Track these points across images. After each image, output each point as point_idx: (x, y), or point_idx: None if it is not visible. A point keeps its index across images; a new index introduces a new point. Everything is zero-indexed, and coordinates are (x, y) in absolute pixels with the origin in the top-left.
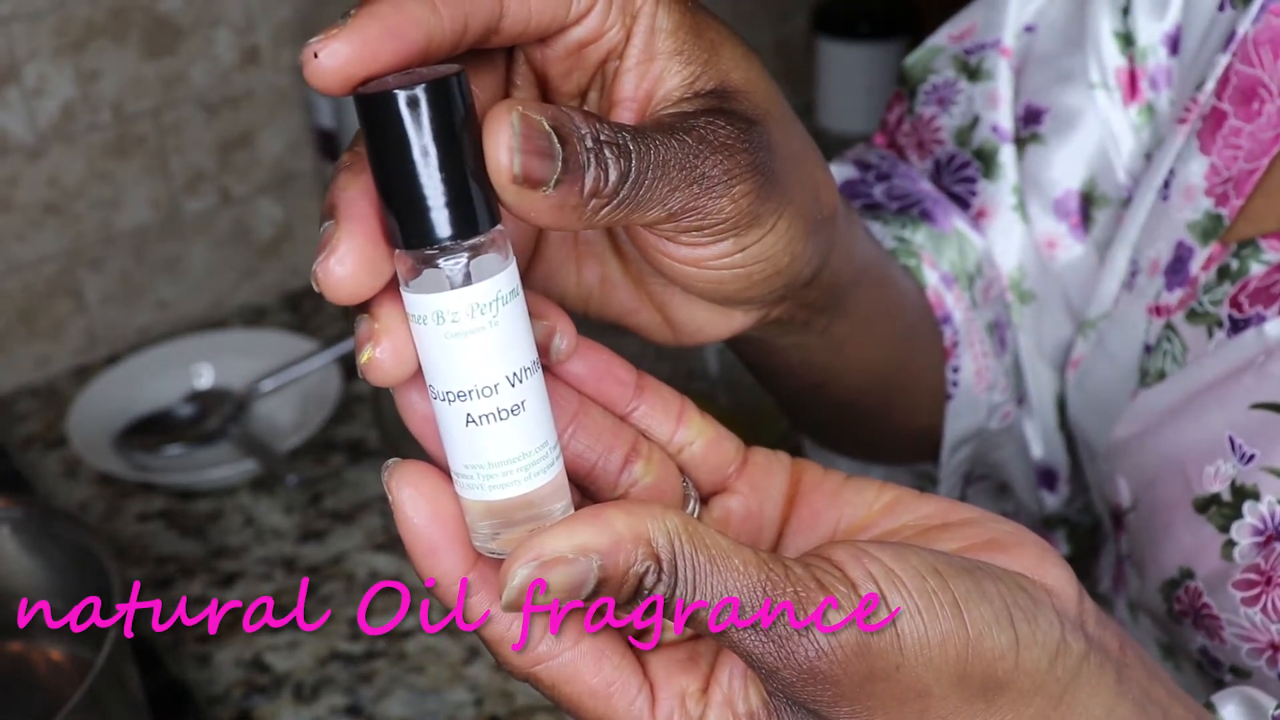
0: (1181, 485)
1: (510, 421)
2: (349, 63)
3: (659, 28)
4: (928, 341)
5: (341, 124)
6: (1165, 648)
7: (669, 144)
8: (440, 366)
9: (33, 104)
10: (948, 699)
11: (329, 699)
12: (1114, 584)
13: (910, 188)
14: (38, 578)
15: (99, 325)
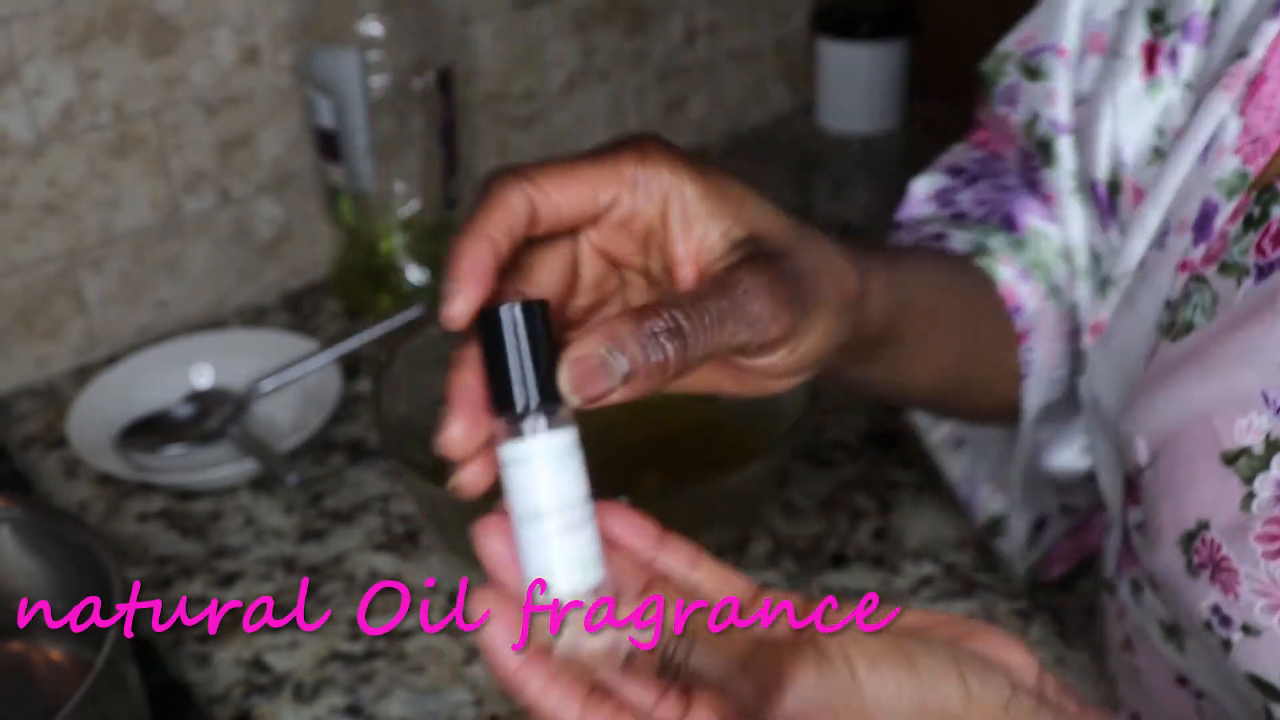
0: (1209, 438)
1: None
2: (467, 312)
3: (688, 200)
4: (999, 333)
5: (341, 124)
6: (1168, 629)
7: (720, 303)
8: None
9: (32, 104)
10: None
11: (329, 699)
12: (1118, 566)
13: (993, 194)
14: (37, 578)
15: (99, 325)
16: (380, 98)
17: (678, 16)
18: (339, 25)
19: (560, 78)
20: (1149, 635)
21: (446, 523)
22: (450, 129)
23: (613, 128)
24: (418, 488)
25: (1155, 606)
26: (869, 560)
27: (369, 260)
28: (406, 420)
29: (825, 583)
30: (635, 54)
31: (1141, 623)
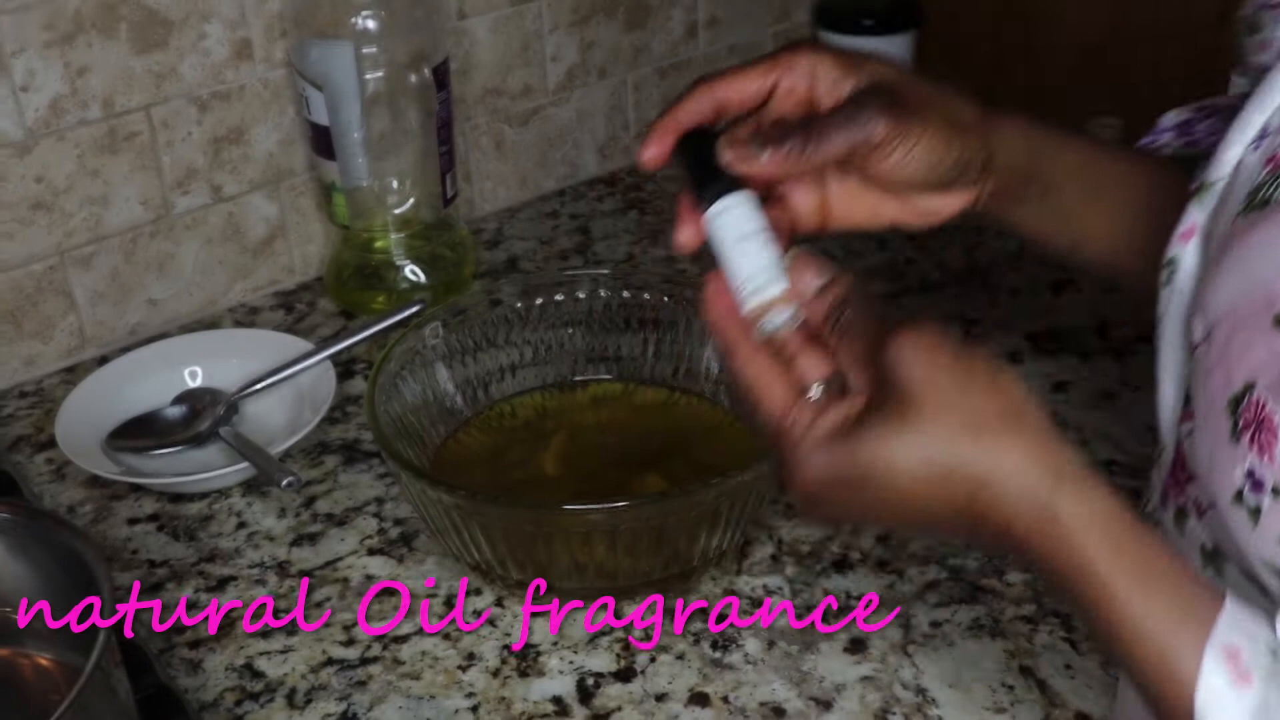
0: (1264, 303)
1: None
2: (658, 156)
3: (826, 68)
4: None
5: (335, 120)
6: (1208, 555)
7: (837, 115)
8: (723, 236)
9: (20, 99)
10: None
11: (323, 705)
12: (1163, 497)
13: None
14: (25, 582)
15: (88, 325)
16: (375, 93)
17: (677, 10)
18: (333, 19)
19: (558, 73)
20: (1189, 561)
21: (443, 525)
22: (446, 125)
23: (612, 123)
24: (414, 490)
25: (1197, 533)
26: (873, 564)
27: (363, 259)
28: (402, 421)
29: (828, 587)
30: (634, 48)
31: (1182, 550)
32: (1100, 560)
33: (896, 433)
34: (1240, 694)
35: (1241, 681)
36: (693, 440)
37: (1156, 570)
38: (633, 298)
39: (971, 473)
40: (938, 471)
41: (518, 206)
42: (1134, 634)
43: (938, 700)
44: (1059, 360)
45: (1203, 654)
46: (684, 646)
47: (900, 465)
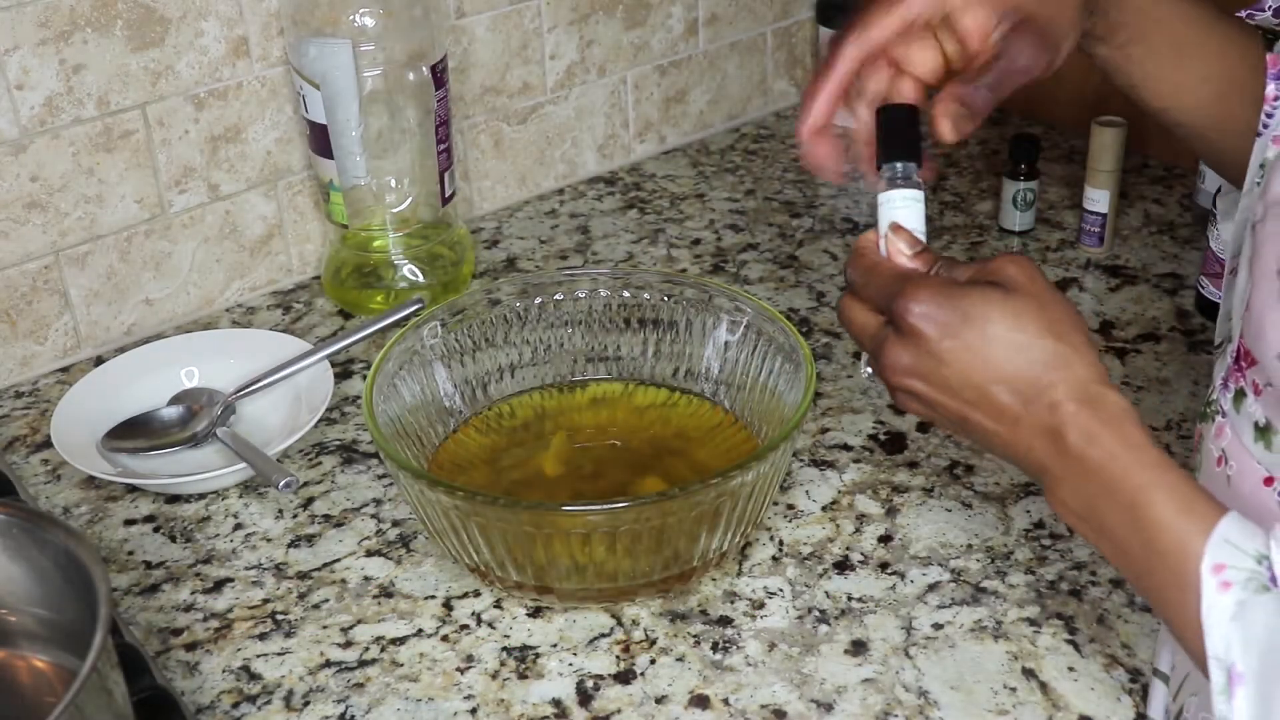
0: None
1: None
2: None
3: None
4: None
5: (333, 119)
6: (1260, 429)
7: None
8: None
9: (15, 97)
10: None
11: (320, 708)
12: (1224, 382)
13: None
14: (21, 584)
15: (84, 325)
16: (373, 91)
17: (677, 8)
18: (331, 17)
19: (557, 71)
20: (1242, 438)
21: (441, 526)
22: (445, 123)
23: (612, 122)
24: (412, 490)
25: (1252, 410)
26: (875, 565)
27: (361, 258)
28: (400, 422)
29: (830, 589)
30: (634, 46)
31: (1237, 430)
32: (1134, 441)
33: (998, 298)
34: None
35: (1223, 588)
36: (693, 440)
37: (1172, 464)
38: (633, 298)
39: (1048, 352)
40: (1023, 339)
41: (516, 205)
42: (1149, 502)
43: (939, 702)
44: None
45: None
46: (684, 648)
47: (995, 320)
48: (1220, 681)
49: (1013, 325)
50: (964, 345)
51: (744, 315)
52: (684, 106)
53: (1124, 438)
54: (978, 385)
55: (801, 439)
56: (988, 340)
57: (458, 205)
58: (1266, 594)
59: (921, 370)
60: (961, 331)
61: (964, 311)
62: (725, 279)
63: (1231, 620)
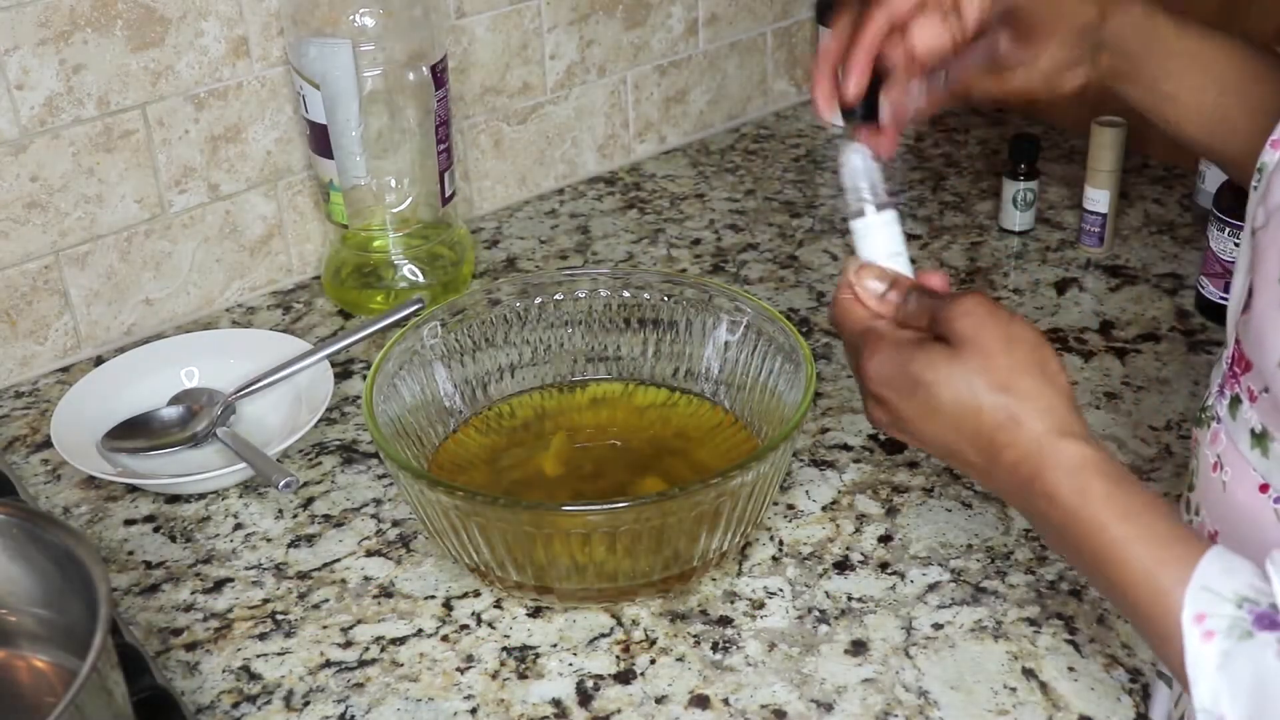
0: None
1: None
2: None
3: None
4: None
5: (333, 119)
6: (1256, 436)
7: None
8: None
9: (15, 97)
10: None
11: (320, 708)
12: (1220, 388)
13: None
14: (21, 584)
15: (84, 325)
16: (373, 91)
17: (677, 8)
18: (331, 17)
19: (557, 71)
20: (1238, 444)
21: (441, 526)
22: (445, 123)
23: (612, 122)
24: (412, 490)
25: (1248, 416)
26: (875, 565)
27: (361, 258)
28: (400, 422)
29: (830, 589)
30: (634, 46)
31: (1233, 436)
32: (1094, 495)
33: (944, 361)
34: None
35: (1206, 638)
36: (693, 440)
37: (1144, 508)
38: (633, 298)
39: (1000, 411)
40: (974, 402)
41: (516, 205)
42: (1120, 560)
43: (939, 702)
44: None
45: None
46: (684, 648)
47: (943, 385)
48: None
49: (961, 387)
50: (918, 412)
51: (744, 315)
52: (684, 106)
53: (1085, 494)
54: (944, 443)
55: (801, 439)
56: (940, 407)
57: (458, 205)
58: (1250, 640)
59: (895, 426)
60: (915, 395)
61: (912, 378)
62: (725, 279)
63: (1218, 671)
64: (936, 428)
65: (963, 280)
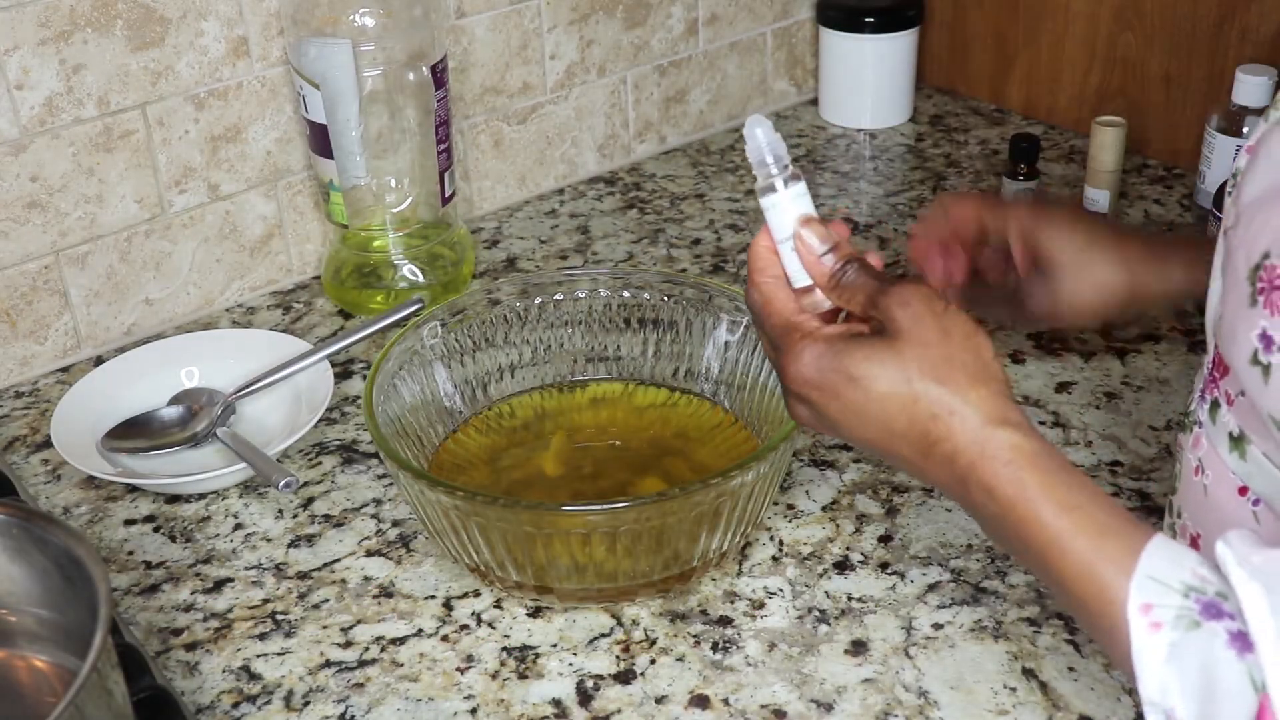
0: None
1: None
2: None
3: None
4: None
5: (333, 119)
6: (1235, 439)
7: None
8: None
9: (15, 97)
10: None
11: (320, 708)
12: (1201, 393)
13: None
14: (21, 584)
15: (84, 325)
16: (373, 91)
17: (677, 8)
18: (331, 17)
19: (557, 71)
20: (1218, 448)
21: (441, 526)
22: (445, 123)
23: (612, 122)
24: (412, 490)
25: (1227, 420)
26: (875, 565)
27: (361, 258)
28: (400, 422)
29: (830, 589)
30: (634, 46)
31: (1213, 441)
32: (1032, 487)
33: (881, 353)
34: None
35: (1153, 629)
36: (693, 440)
37: (1083, 498)
38: (633, 298)
39: (935, 403)
40: (908, 394)
41: (516, 205)
42: (1060, 551)
43: (939, 702)
44: (1062, 360)
45: (1126, 571)
46: (684, 648)
47: (879, 378)
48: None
49: (896, 379)
50: (850, 408)
51: (744, 315)
52: (684, 106)
53: (1023, 484)
54: (875, 441)
55: (801, 439)
56: (871, 401)
57: (458, 205)
58: (1198, 630)
59: (821, 426)
60: (845, 394)
61: (847, 374)
62: (725, 279)
63: (1166, 663)
64: (868, 423)
65: None
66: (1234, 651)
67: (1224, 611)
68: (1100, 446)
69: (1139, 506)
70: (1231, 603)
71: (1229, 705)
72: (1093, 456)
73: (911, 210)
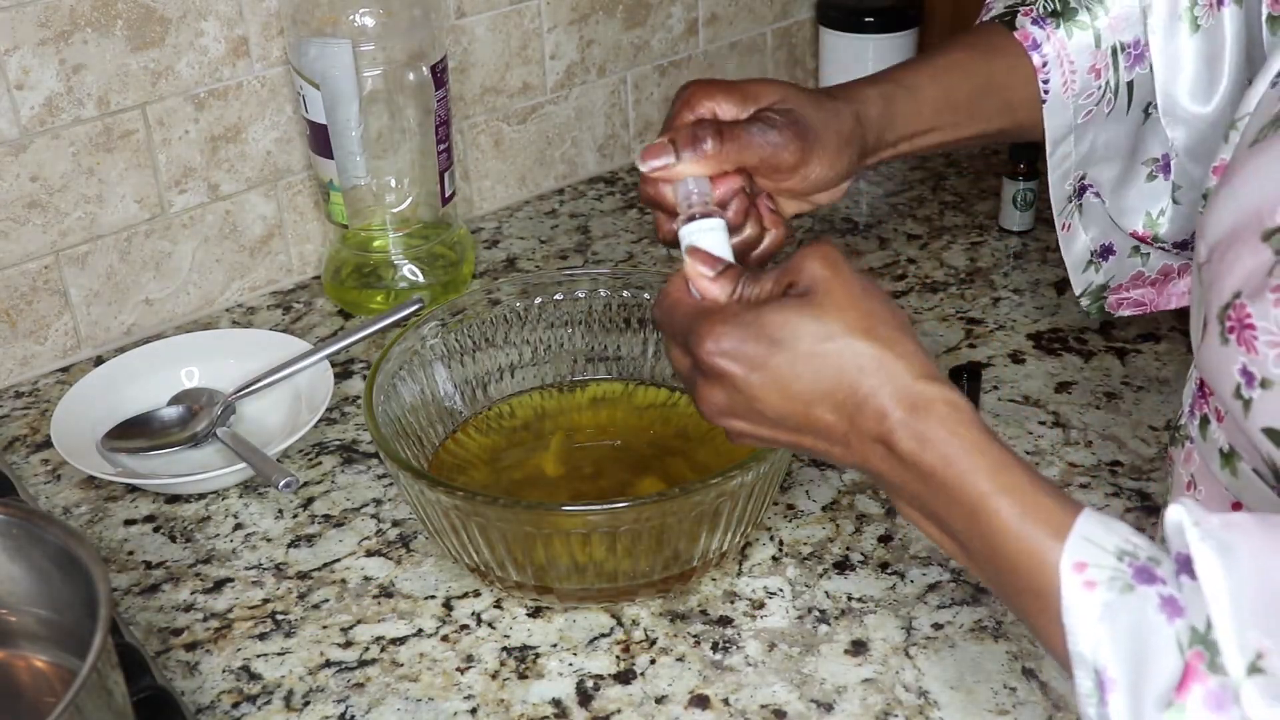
0: (1255, 224)
1: None
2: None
3: (729, 109)
4: (1024, 79)
5: (333, 119)
6: (1225, 456)
7: (751, 126)
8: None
9: (15, 97)
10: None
11: (320, 708)
12: (1191, 409)
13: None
14: (21, 583)
15: (84, 325)
16: (373, 91)
17: (677, 8)
18: (331, 17)
19: (557, 71)
20: (1210, 465)
21: (441, 526)
22: (445, 123)
23: (612, 122)
24: (412, 490)
25: (1217, 436)
26: (875, 565)
27: (361, 258)
28: (400, 422)
29: (830, 589)
30: (634, 46)
31: (1205, 456)
32: (966, 442)
33: (800, 312)
34: (1089, 597)
35: (1087, 587)
36: (693, 440)
37: (1013, 460)
38: (633, 297)
39: (862, 355)
40: (834, 349)
41: (516, 205)
42: (993, 510)
43: (939, 702)
44: (1062, 360)
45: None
46: (684, 648)
47: (802, 337)
48: (1088, 686)
49: (820, 336)
50: (773, 376)
51: None
52: None
53: (958, 440)
54: (797, 412)
55: None
56: (797, 361)
57: (458, 205)
58: (1131, 593)
59: (738, 410)
60: (769, 361)
61: (768, 338)
62: None
63: (1099, 621)
64: (794, 387)
65: (962, 280)
66: (1164, 616)
67: (1156, 576)
68: (1100, 446)
69: (1139, 506)
70: (1164, 568)
71: (1157, 667)
72: (1093, 456)
73: (911, 210)
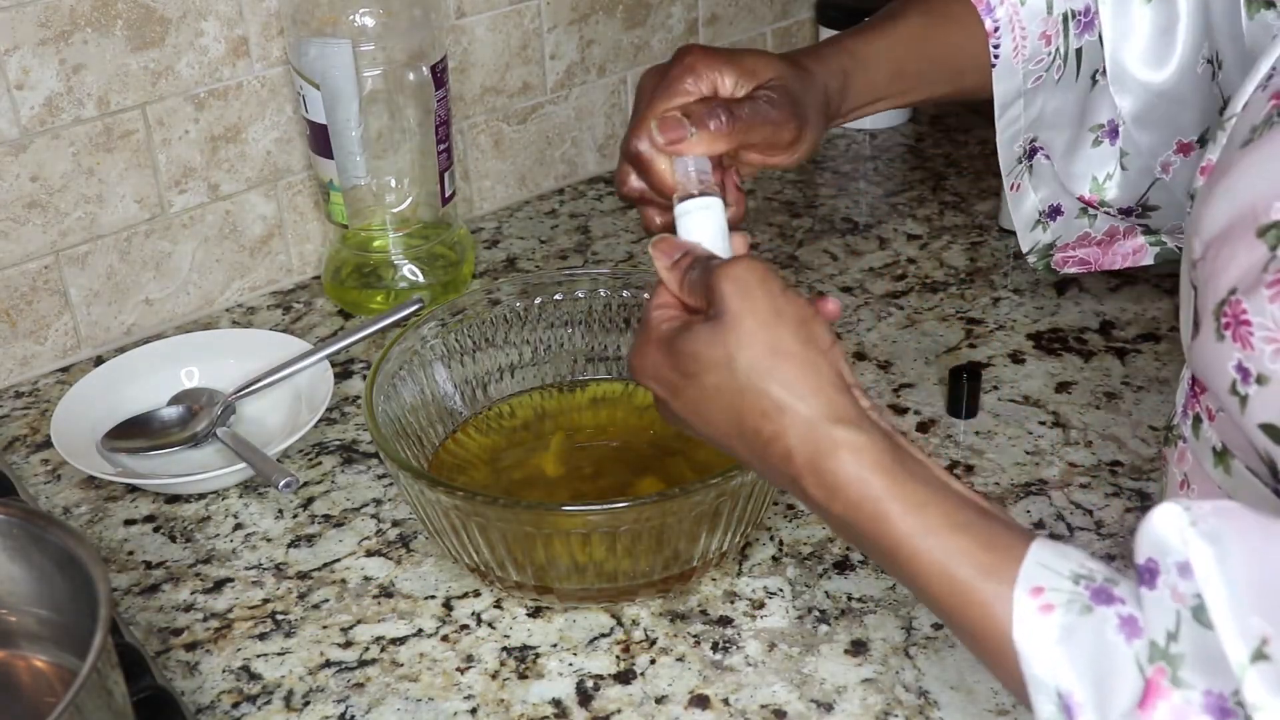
0: (1250, 220)
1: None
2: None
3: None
4: (976, 46)
5: (333, 119)
6: (1218, 454)
7: (755, 105)
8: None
9: (15, 97)
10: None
11: (320, 708)
12: (1184, 408)
13: None
14: (21, 584)
15: (84, 325)
16: (373, 91)
17: (677, 8)
18: (331, 17)
19: (557, 71)
20: (1203, 464)
21: (441, 526)
22: (445, 123)
23: (612, 122)
24: (412, 490)
25: (1210, 435)
26: (874, 566)
27: (361, 258)
28: (400, 422)
29: (830, 589)
30: (634, 46)
31: (1198, 455)
32: (875, 486)
33: (709, 340)
34: (1046, 621)
35: (1044, 611)
36: (692, 440)
37: (929, 495)
38: (633, 297)
39: (764, 396)
40: (738, 383)
41: (516, 205)
42: (913, 551)
43: (939, 702)
44: (1062, 360)
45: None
46: (684, 648)
47: (708, 370)
48: (1049, 710)
49: (724, 372)
50: (690, 403)
51: None
52: None
53: (864, 485)
54: (719, 437)
55: None
56: (704, 395)
57: (458, 205)
58: (1090, 614)
59: (680, 424)
60: (683, 391)
61: (680, 370)
62: None
63: (1058, 644)
64: (707, 420)
65: (962, 280)
66: (1123, 637)
67: (1114, 597)
68: (1100, 446)
69: (1139, 507)
70: (1121, 588)
71: (1119, 685)
72: (1093, 456)
73: (911, 210)
